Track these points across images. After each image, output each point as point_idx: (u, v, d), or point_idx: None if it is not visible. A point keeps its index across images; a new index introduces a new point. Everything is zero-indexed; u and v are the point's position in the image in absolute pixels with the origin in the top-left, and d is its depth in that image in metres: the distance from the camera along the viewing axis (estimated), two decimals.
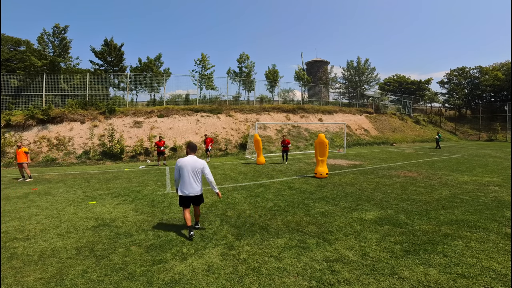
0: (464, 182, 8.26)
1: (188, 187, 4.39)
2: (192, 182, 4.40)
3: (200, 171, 4.48)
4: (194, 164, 4.43)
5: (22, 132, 15.06)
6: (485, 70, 37.64)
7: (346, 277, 3.12)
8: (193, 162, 4.44)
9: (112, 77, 20.95)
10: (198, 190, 4.47)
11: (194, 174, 4.42)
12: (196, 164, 4.44)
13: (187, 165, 4.41)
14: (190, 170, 4.39)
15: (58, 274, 3.29)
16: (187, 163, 4.41)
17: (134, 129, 16.93)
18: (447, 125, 35.72)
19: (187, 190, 4.40)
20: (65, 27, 20.60)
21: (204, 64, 24.36)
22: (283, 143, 13.15)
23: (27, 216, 5.56)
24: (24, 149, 9.81)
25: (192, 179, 4.40)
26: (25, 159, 9.68)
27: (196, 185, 4.44)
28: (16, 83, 17.41)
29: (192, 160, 4.46)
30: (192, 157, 4.51)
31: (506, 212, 5.31)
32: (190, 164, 4.42)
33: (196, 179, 4.45)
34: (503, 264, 3.34)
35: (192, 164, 4.42)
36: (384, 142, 24.97)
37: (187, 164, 4.41)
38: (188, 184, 4.39)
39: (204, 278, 3.16)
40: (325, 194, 7.03)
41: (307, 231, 4.53)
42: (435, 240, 4.07)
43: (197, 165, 4.44)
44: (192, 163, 4.43)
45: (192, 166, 4.41)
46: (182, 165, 4.42)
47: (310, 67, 42.12)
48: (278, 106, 24.29)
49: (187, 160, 4.45)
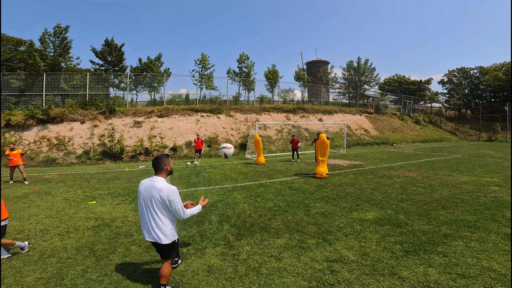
0: (464, 182, 8.26)
1: (144, 226, 2.82)
2: (147, 220, 2.75)
3: (160, 202, 2.71)
4: (150, 190, 2.73)
5: (22, 132, 15.07)
6: (485, 70, 37.65)
7: (346, 277, 3.12)
8: (149, 187, 2.75)
9: (112, 77, 20.96)
10: (157, 236, 2.73)
11: (150, 208, 2.73)
12: (153, 192, 2.71)
13: (141, 191, 2.81)
14: (143, 200, 2.78)
15: (58, 274, 3.30)
16: (141, 188, 2.82)
17: (134, 129, 16.93)
18: (447, 125, 35.73)
19: (143, 230, 2.83)
20: (66, 27, 20.62)
21: (204, 64, 24.38)
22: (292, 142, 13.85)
23: (27, 216, 5.56)
24: (19, 150, 9.54)
25: (147, 215, 2.75)
26: (21, 161, 9.40)
27: (153, 226, 2.73)
28: (16, 83, 17.43)
29: (149, 184, 2.77)
30: (152, 181, 2.79)
31: (506, 212, 5.30)
32: (145, 190, 2.77)
33: (153, 215, 2.72)
34: (503, 264, 3.34)
35: (147, 191, 2.75)
36: (384, 142, 24.97)
37: (141, 191, 2.81)
38: (144, 221, 2.81)
39: (204, 278, 3.17)
40: (325, 194, 7.03)
41: (307, 231, 4.53)
42: (435, 240, 4.06)
43: (153, 192, 2.70)
44: (149, 189, 2.75)
45: (147, 194, 2.75)
46: (139, 190, 2.85)
47: (310, 67, 42.11)
48: (278, 106, 24.29)
49: (143, 183, 2.84)
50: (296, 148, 13.63)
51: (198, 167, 12.36)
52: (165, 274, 2.84)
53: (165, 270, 2.84)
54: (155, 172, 2.85)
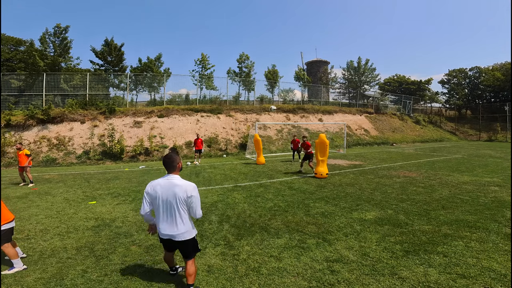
0: (464, 182, 8.26)
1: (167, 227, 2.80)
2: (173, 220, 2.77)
3: (185, 200, 2.72)
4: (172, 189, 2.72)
5: (22, 132, 15.07)
6: (484, 70, 37.65)
7: (346, 277, 3.12)
8: (170, 186, 2.73)
9: (112, 77, 20.97)
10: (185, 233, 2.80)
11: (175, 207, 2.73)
12: (175, 190, 2.71)
13: (159, 192, 2.76)
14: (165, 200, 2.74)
15: (58, 274, 3.30)
16: (158, 188, 2.77)
17: (134, 129, 16.93)
18: (447, 125, 35.73)
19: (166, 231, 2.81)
20: (66, 27, 20.63)
21: (204, 64, 24.39)
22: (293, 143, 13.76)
23: (27, 216, 5.56)
24: (25, 151, 8.91)
25: (173, 215, 2.75)
26: (24, 162, 8.72)
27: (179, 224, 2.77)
28: (16, 83, 17.43)
29: (168, 184, 2.75)
30: (169, 179, 2.78)
31: (506, 212, 5.30)
32: (166, 189, 2.74)
33: (179, 213, 2.75)
34: (503, 264, 3.34)
35: (169, 190, 2.72)
36: (384, 142, 24.97)
37: (158, 191, 2.76)
38: (168, 222, 2.79)
39: (204, 278, 3.17)
40: (325, 194, 7.03)
41: (307, 231, 4.53)
42: (435, 240, 4.06)
43: (176, 190, 2.70)
44: (169, 188, 2.73)
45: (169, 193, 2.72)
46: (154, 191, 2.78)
47: (310, 67, 42.10)
48: (278, 106, 24.30)
49: (159, 184, 2.78)
50: (297, 148, 13.51)
51: (198, 167, 12.36)
52: (192, 273, 2.82)
53: (192, 269, 2.83)
54: (169, 171, 2.82)
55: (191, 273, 2.82)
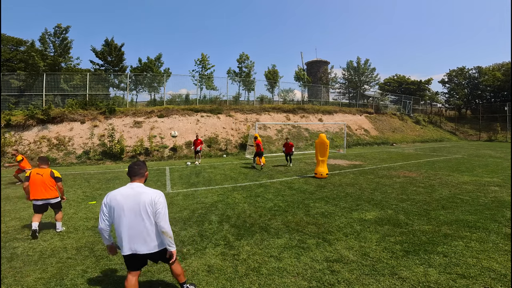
0: (464, 182, 8.26)
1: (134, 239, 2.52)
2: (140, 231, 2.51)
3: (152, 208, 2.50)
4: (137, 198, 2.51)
5: (22, 132, 15.06)
6: (484, 70, 37.66)
7: (346, 277, 3.12)
8: (134, 195, 2.52)
9: (112, 77, 20.96)
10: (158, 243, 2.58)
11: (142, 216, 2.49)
12: (141, 198, 2.50)
13: (120, 201, 2.50)
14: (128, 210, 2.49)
15: (58, 274, 3.30)
16: (119, 198, 2.52)
17: (134, 129, 16.93)
18: (447, 125, 35.73)
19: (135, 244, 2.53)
20: (66, 28, 20.63)
21: (204, 64, 24.39)
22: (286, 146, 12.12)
23: (27, 216, 5.56)
24: (18, 157, 8.73)
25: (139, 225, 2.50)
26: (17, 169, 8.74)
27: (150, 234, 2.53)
28: (16, 83, 17.43)
29: (131, 193, 2.54)
30: (133, 188, 2.57)
31: (506, 212, 5.30)
32: (129, 198, 2.51)
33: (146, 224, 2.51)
34: (503, 264, 3.34)
35: (134, 198, 2.51)
36: (384, 142, 24.97)
37: (120, 200, 2.50)
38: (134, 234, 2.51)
39: (204, 278, 3.17)
40: (325, 194, 7.03)
41: (307, 231, 4.53)
42: (435, 240, 4.06)
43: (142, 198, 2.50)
44: (133, 197, 2.51)
45: (134, 201, 2.50)
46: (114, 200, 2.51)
47: (310, 67, 42.11)
48: (278, 106, 24.29)
49: (120, 193, 2.55)
50: (289, 152, 11.99)
51: (198, 167, 12.36)
52: (180, 272, 2.80)
53: (179, 269, 2.80)
54: (134, 178, 2.63)
55: (179, 272, 2.79)
